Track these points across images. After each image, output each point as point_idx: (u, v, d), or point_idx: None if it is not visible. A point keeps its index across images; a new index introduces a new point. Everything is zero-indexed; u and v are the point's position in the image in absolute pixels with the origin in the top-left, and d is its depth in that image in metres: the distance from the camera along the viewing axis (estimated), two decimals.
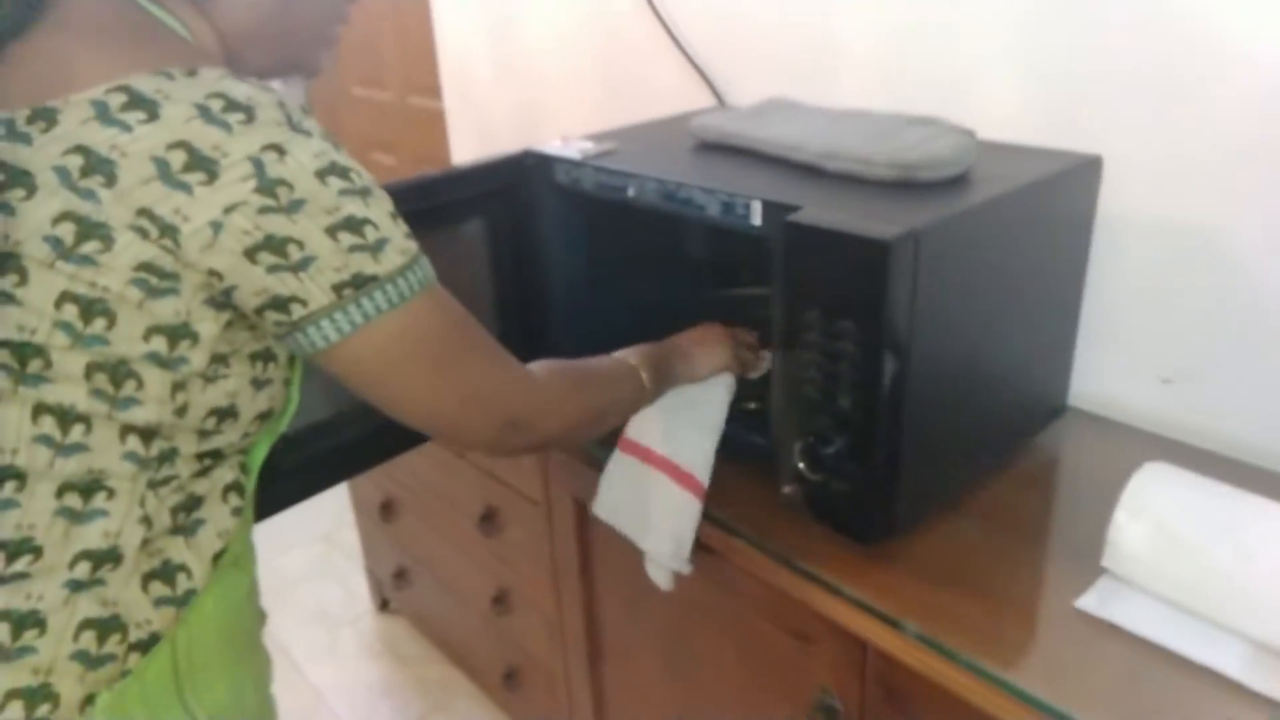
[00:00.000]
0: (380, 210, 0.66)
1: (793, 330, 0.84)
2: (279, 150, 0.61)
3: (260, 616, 0.82)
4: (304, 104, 0.68)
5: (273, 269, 0.62)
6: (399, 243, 0.67)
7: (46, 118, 0.61)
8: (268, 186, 0.60)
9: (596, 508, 1.04)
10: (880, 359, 0.79)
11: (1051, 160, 0.97)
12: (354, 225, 0.64)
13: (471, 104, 2.05)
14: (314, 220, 0.62)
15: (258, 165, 0.60)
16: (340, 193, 0.63)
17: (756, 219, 0.89)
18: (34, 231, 0.61)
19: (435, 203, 1.04)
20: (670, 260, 1.30)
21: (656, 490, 0.94)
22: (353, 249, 0.64)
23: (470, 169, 1.09)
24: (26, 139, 0.61)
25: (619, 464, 1.01)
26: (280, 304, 0.63)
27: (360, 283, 0.64)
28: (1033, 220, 0.92)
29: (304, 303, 0.64)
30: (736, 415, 1.00)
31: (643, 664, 1.26)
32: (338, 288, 0.63)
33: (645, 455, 0.96)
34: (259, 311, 0.64)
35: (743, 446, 1.01)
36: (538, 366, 0.79)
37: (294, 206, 0.61)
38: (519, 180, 1.11)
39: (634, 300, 1.20)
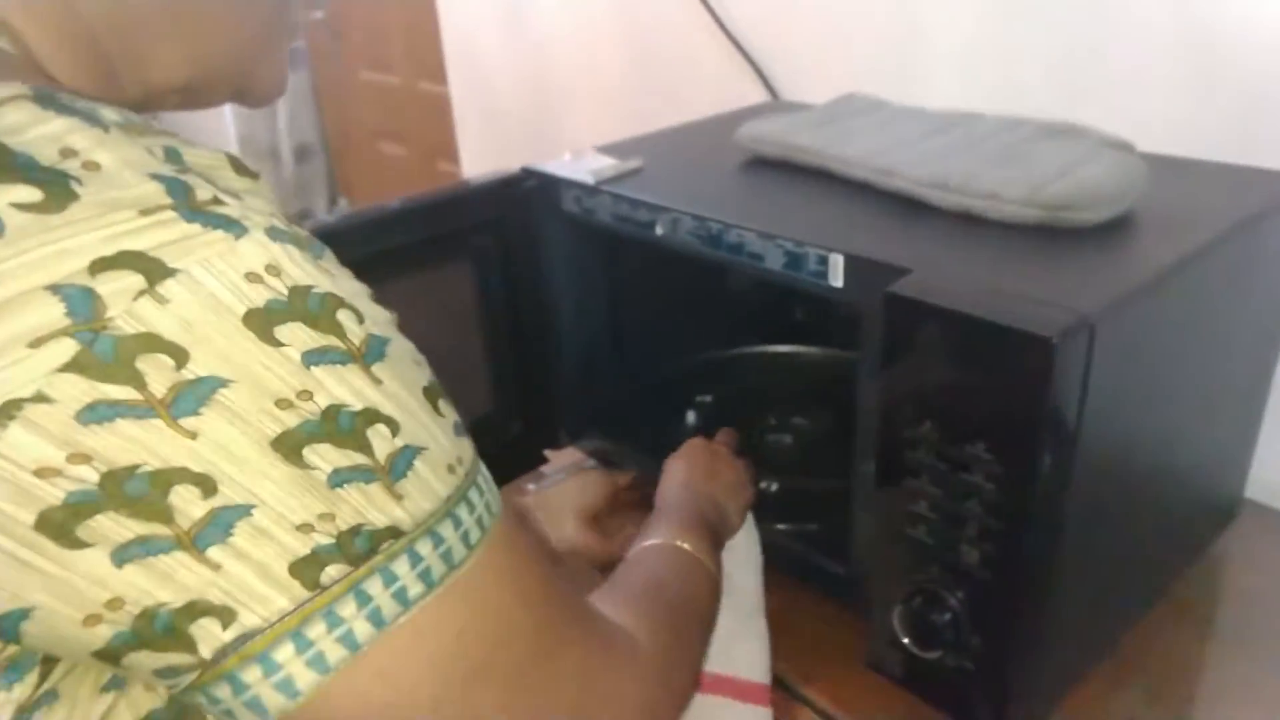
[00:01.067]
0: (408, 379, 0.36)
1: (894, 447, 0.58)
2: (147, 270, 0.30)
3: None
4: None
5: (125, 552, 0.30)
6: (443, 447, 0.36)
7: None
8: (108, 351, 0.29)
9: None
10: (1027, 499, 0.53)
11: (1244, 184, 0.70)
12: (345, 429, 0.33)
13: (479, 90, 1.79)
14: (243, 426, 0.31)
15: (75, 301, 0.29)
16: (311, 358, 0.32)
17: (837, 279, 0.63)
18: None
19: (400, 242, 0.79)
20: (721, 306, 1.04)
21: None
22: (345, 477, 0.33)
23: (449, 195, 0.83)
24: None
25: None
26: (151, 640, 0.31)
27: (364, 551, 0.33)
28: (1231, 274, 0.65)
29: (227, 619, 0.32)
30: (794, 532, 0.74)
31: None
32: (305, 568, 0.32)
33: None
34: (114, 658, 0.32)
35: (802, 567, 0.76)
36: (612, 609, 0.49)
37: (187, 399, 0.30)
38: (515, 209, 0.85)
39: (669, 361, 0.95)
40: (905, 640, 0.61)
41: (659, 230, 0.75)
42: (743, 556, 0.71)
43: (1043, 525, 0.54)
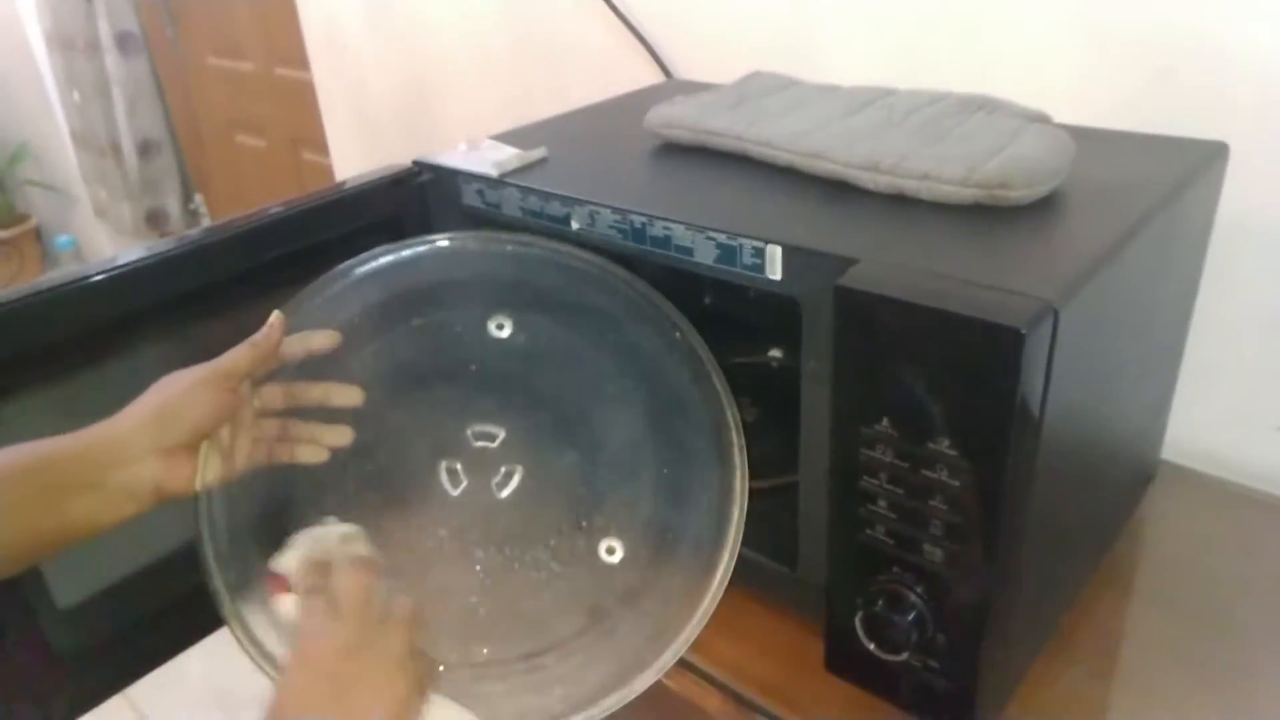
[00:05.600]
0: None
1: (849, 446, 0.56)
2: None
3: None
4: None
5: None
6: None
7: None
8: None
9: None
10: (996, 494, 0.51)
11: (1160, 152, 0.70)
12: None
13: (346, 75, 1.68)
14: None
15: None
16: None
17: (775, 272, 0.60)
18: None
19: (281, 253, 0.71)
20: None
21: None
22: None
23: (334, 197, 0.76)
24: None
25: None
26: None
27: None
28: (1161, 243, 0.64)
29: None
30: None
31: None
32: None
33: None
34: None
35: (745, 570, 0.72)
36: None
37: None
38: (409, 206, 0.79)
39: None
40: (870, 646, 0.58)
41: (575, 225, 0.69)
42: None
43: (1010, 519, 0.52)
